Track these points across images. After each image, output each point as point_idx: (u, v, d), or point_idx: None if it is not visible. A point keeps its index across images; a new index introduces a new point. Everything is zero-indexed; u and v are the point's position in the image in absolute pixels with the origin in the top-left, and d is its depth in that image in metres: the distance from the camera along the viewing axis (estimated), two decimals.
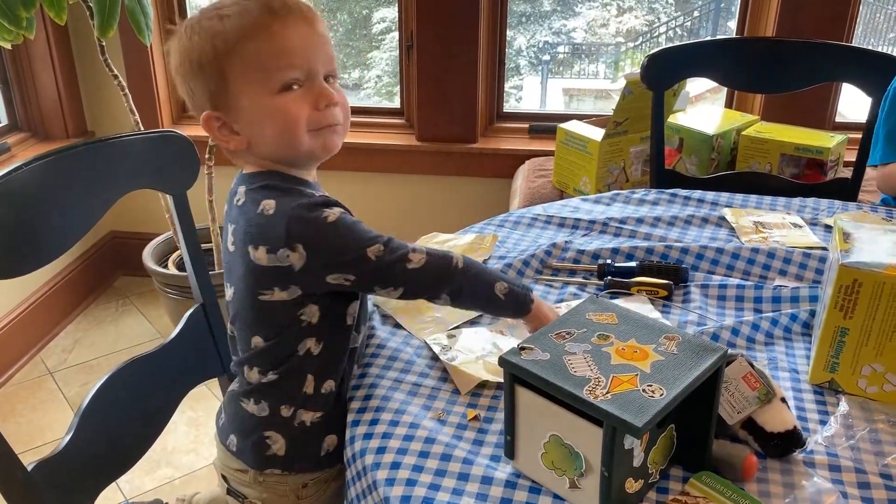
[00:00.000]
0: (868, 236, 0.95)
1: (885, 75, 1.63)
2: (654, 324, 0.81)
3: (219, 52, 0.85)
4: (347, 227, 0.86)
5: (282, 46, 0.85)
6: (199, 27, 0.87)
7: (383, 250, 0.86)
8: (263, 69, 0.85)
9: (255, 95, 0.86)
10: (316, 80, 0.88)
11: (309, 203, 0.86)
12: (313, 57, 0.87)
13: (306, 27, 0.87)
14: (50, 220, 0.98)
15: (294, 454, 0.96)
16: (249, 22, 0.85)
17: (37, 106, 2.47)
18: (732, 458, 0.78)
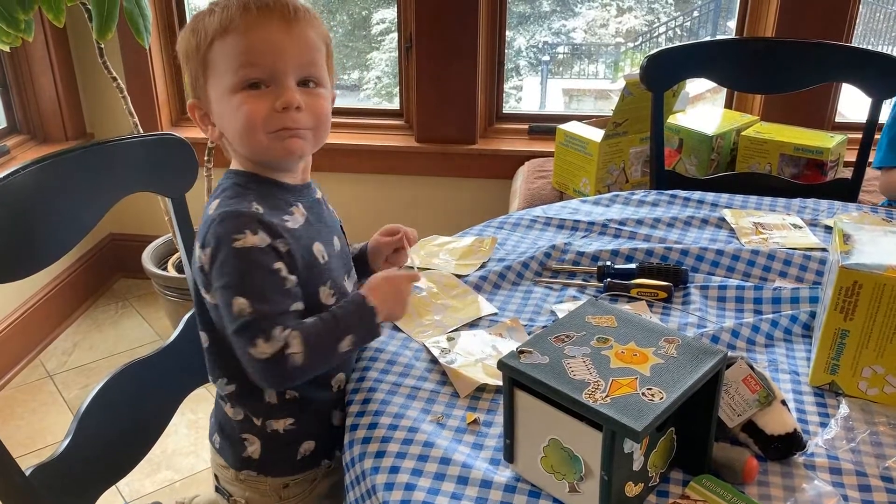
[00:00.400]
0: (868, 238, 0.95)
1: (885, 76, 1.63)
2: (654, 327, 0.80)
3: (199, 45, 0.87)
4: (242, 264, 0.83)
5: (249, 45, 0.85)
6: (192, 21, 0.90)
7: (247, 313, 0.82)
8: (229, 65, 0.86)
9: (221, 90, 0.87)
10: (282, 81, 0.86)
11: (237, 213, 0.85)
12: (281, 58, 0.86)
13: (281, 28, 0.86)
14: (48, 223, 0.98)
15: (268, 458, 0.97)
16: (227, 17, 0.86)
17: (36, 108, 2.46)
18: (733, 460, 0.78)
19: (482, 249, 1.26)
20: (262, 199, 0.88)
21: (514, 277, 1.18)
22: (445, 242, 1.29)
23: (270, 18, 0.86)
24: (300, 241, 0.88)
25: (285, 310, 0.84)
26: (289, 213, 0.90)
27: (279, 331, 0.83)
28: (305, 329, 0.85)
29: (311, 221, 0.92)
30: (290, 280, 0.86)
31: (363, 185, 2.57)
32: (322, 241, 0.92)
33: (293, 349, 0.83)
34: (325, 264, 0.92)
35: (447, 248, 1.27)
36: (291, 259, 0.86)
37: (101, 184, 1.06)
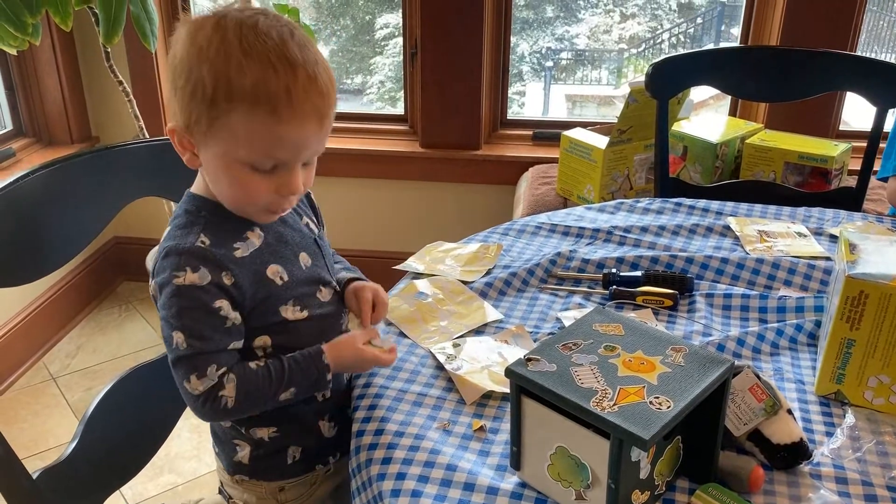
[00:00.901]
0: (874, 247, 0.95)
1: (890, 85, 1.63)
2: (661, 335, 0.81)
3: (216, 100, 0.79)
4: (182, 301, 0.83)
5: (278, 138, 0.81)
6: (214, 56, 0.79)
7: (183, 348, 0.83)
8: (248, 144, 0.81)
9: (226, 154, 0.83)
10: (292, 166, 0.84)
11: (178, 250, 0.84)
12: (304, 152, 0.84)
13: (314, 124, 0.82)
14: (56, 227, 0.99)
15: (258, 464, 0.97)
16: (264, 93, 0.78)
17: (41, 111, 2.47)
18: (739, 469, 0.78)
19: (487, 256, 1.26)
20: (212, 226, 0.86)
21: (520, 284, 1.19)
22: (450, 248, 1.29)
23: (309, 115, 0.81)
24: (250, 267, 0.87)
25: (222, 348, 0.85)
26: (241, 240, 0.88)
27: (213, 369, 0.84)
28: (245, 376, 0.86)
29: (270, 242, 0.90)
30: (231, 318, 0.85)
31: (367, 190, 2.58)
32: (281, 262, 0.90)
33: (226, 392, 0.85)
34: (285, 284, 0.90)
35: (452, 254, 1.27)
36: (239, 290, 0.85)
37: (108, 188, 1.06)
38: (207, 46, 0.79)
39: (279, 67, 0.78)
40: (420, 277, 1.20)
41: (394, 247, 2.57)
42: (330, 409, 0.98)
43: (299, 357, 0.89)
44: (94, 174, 1.04)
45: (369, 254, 2.61)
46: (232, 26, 0.80)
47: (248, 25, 0.80)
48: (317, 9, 3.27)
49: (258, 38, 0.79)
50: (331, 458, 1.01)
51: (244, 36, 0.79)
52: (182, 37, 0.82)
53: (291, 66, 0.79)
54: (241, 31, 0.79)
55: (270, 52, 0.78)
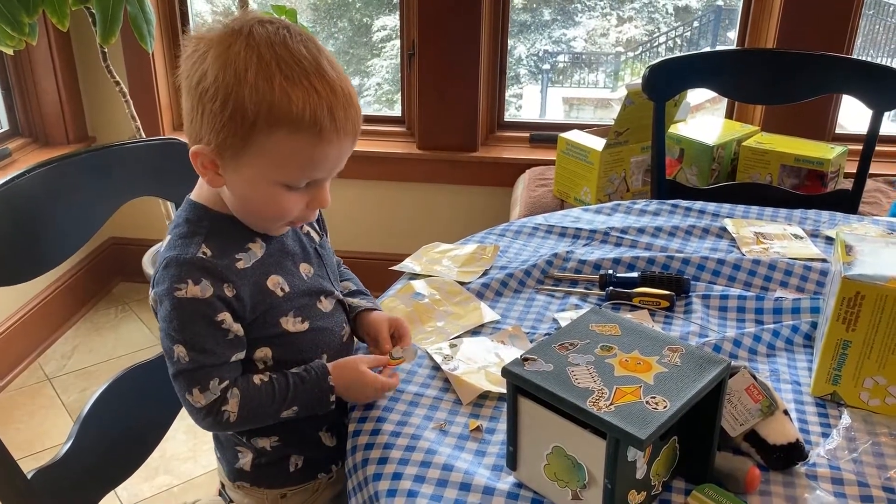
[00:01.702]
0: (870, 249, 0.95)
1: (886, 88, 1.63)
2: (658, 335, 0.81)
3: (258, 124, 0.78)
4: (183, 314, 0.82)
5: (321, 157, 0.82)
6: (254, 79, 0.77)
7: (185, 362, 0.83)
8: (287, 166, 0.81)
9: (262, 175, 0.82)
10: (324, 182, 0.86)
11: (180, 261, 0.83)
12: (338, 167, 0.86)
13: (351, 141, 0.84)
14: (52, 227, 0.98)
15: (259, 472, 0.97)
16: (308, 119, 0.78)
17: (38, 111, 2.47)
18: (735, 470, 0.78)
19: (484, 257, 1.26)
20: (214, 237, 0.86)
21: (517, 285, 1.19)
22: (447, 249, 1.29)
23: (346, 137, 0.82)
24: (251, 279, 0.86)
25: (225, 361, 0.84)
26: (243, 251, 0.87)
27: (216, 383, 0.84)
28: (248, 392, 0.86)
29: (271, 253, 0.90)
30: (234, 330, 0.84)
31: (364, 192, 2.58)
32: (282, 273, 0.90)
33: (228, 407, 0.85)
34: (286, 295, 0.89)
35: (449, 255, 1.27)
36: (240, 302, 0.85)
37: (104, 188, 1.06)
38: (245, 70, 0.77)
39: (320, 89, 0.79)
40: (417, 278, 1.20)
41: (391, 248, 2.57)
42: (329, 421, 0.98)
43: (305, 375, 0.89)
44: (90, 173, 1.04)
45: (367, 255, 2.61)
46: (264, 46, 0.78)
47: (280, 45, 0.79)
48: (314, 10, 3.27)
49: (294, 59, 0.78)
50: (333, 467, 1.00)
51: (280, 58, 0.78)
52: (211, 57, 0.79)
53: (331, 86, 0.79)
54: (276, 51, 0.78)
55: (311, 74, 0.78)
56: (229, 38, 0.79)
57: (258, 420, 0.88)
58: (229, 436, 0.96)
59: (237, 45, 0.78)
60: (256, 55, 0.78)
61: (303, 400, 0.88)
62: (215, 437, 1.00)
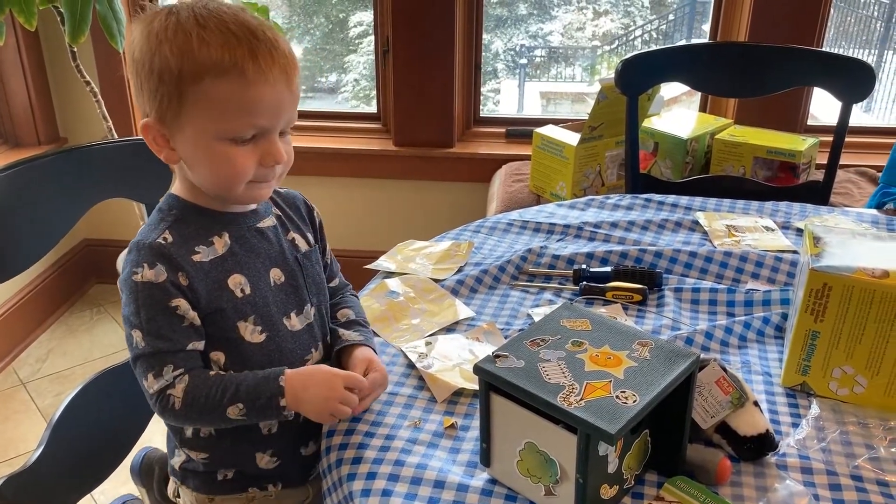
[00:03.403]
0: (838, 240, 0.97)
1: (854, 80, 1.65)
2: (628, 330, 0.81)
3: (183, 75, 0.79)
4: (138, 298, 0.82)
5: (252, 101, 0.80)
6: (172, 36, 0.79)
7: (141, 347, 0.82)
8: (224, 115, 0.80)
9: (205, 133, 0.81)
10: (271, 135, 0.83)
11: (139, 245, 0.84)
12: (279, 115, 0.83)
13: (284, 85, 0.82)
14: (20, 229, 0.97)
15: (186, 475, 0.97)
16: (228, 60, 0.79)
17: (7, 113, 2.43)
18: (706, 462, 0.79)
19: (459, 254, 1.26)
20: (179, 225, 0.86)
21: (491, 281, 1.19)
22: (422, 247, 1.29)
23: (276, 74, 0.81)
24: (209, 274, 0.85)
25: (180, 348, 0.83)
26: (205, 244, 0.86)
27: (169, 369, 0.83)
28: (195, 380, 0.83)
29: (236, 251, 0.88)
30: (189, 317, 0.83)
31: (340, 189, 2.57)
32: (245, 273, 0.87)
33: (174, 392, 0.83)
34: (246, 298, 0.87)
35: (424, 252, 1.27)
36: (193, 293, 0.83)
37: (74, 190, 1.05)
38: (164, 30, 0.80)
39: (239, 34, 0.79)
40: (391, 276, 1.20)
41: (368, 245, 2.56)
42: (275, 446, 0.93)
43: (260, 372, 0.85)
44: (59, 175, 1.03)
45: (342, 253, 2.58)
46: (184, 9, 0.81)
47: (200, 6, 0.81)
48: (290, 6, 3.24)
49: (212, 13, 0.80)
50: (270, 486, 0.96)
51: (198, 14, 0.80)
52: (137, 32, 0.82)
53: (251, 31, 0.80)
54: (195, 11, 0.80)
55: (228, 22, 0.80)
56: (155, 12, 0.82)
57: (204, 412, 0.83)
58: (171, 432, 0.95)
59: (161, 15, 0.81)
60: (176, 19, 0.80)
61: (249, 396, 0.83)
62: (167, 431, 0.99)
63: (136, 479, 1.15)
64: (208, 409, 0.83)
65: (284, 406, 0.83)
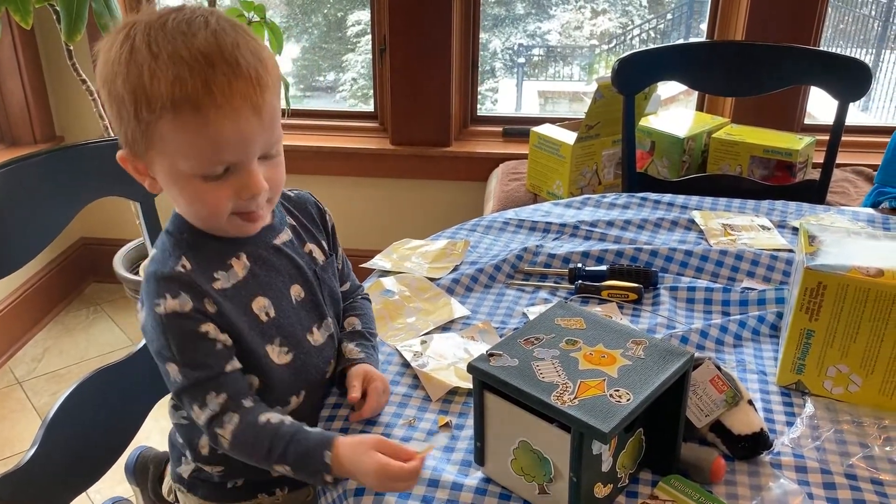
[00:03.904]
0: (833, 239, 0.97)
1: (851, 79, 1.65)
2: (622, 328, 0.81)
3: (139, 113, 0.73)
4: (167, 331, 0.78)
5: (213, 138, 0.73)
6: (125, 68, 0.73)
7: (180, 380, 0.80)
8: (187, 154, 0.75)
9: (173, 170, 0.77)
10: (247, 166, 0.77)
11: (158, 275, 0.79)
12: (250, 147, 0.76)
13: (250, 113, 0.74)
14: (13, 228, 0.97)
15: (194, 483, 0.96)
16: (180, 96, 0.71)
17: (3, 111, 2.43)
18: (701, 460, 0.79)
19: (454, 252, 1.26)
20: (194, 250, 0.82)
21: (486, 280, 1.19)
22: (418, 246, 1.29)
23: (239, 105, 0.73)
24: (233, 300, 0.82)
25: (219, 372, 0.80)
26: (224, 269, 0.82)
27: (212, 396, 0.80)
28: (244, 425, 0.80)
29: (256, 272, 0.84)
30: (221, 339, 0.80)
31: (338, 188, 2.57)
32: (268, 295, 0.85)
33: (222, 432, 0.80)
34: (271, 321, 0.84)
35: (419, 251, 1.27)
36: (222, 319, 0.80)
37: (68, 188, 1.05)
38: (118, 59, 0.74)
39: (192, 63, 0.71)
40: (387, 275, 1.20)
41: (364, 244, 2.55)
42: None
43: (308, 436, 0.79)
44: (53, 173, 1.03)
45: None
46: (140, 32, 0.74)
47: (157, 27, 0.73)
48: (288, 5, 3.24)
49: (166, 37, 0.72)
50: (278, 490, 0.96)
51: (152, 39, 0.73)
52: (99, 56, 0.77)
53: (205, 56, 0.72)
54: (149, 34, 0.73)
55: (180, 48, 0.72)
56: (115, 33, 0.76)
57: (251, 458, 0.81)
58: (180, 442, 0.95)
59: (118, 38, 0.75)
60: (130, 46, 0.73)
61: (297, 463, 0.79)
62: (170, 435, 0.99)
63: (131, 478, 1.14)
64: (255, 458, 0.81)
65: (329, 481, 0.79)
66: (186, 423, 0.91)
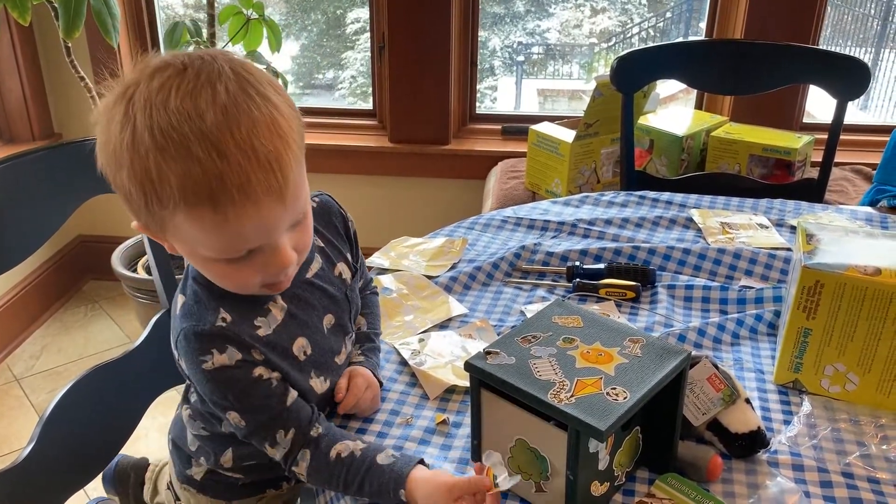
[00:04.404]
0: (830, 238, 0.97)
1: (849, 78, 1.65)
2: (619, 327, 0.81)
3: (151, 207, 0.67)
4: (219, 385, 0.76)
5: (235, 230, 0.67)
6: (129, 160, 0.66)
7: (244, 426, 0.79)
8: (207, 244, 0.70)
9: (194, 253, 0.72)
10: (275, 243, 0.72)
11: (200, 332, 0.75)
12: (276, 231, 0.70)
13: (273, 203, 0.67)
14: (10, 225, 0.97)
15: (206, 484, 0.96)
16: (193, 196, 0.64)
17: (1, 108, 2.42)
18: (697, 459, 0.79)
19: (452, 250, 1.26)
20: (230, 299, 0.78)
21: (484, 278, 1.19)
22: (416, 244, 1.29)
23: (262, 195, 0.66)
24: (275, 346, 0.79)
25: (280, 411, 0.79)
26: (263, 314, 0.80)
27: (282, 435, 0.79)
28: (316, 462, 0.79)
29: (294, 313, 0.82)
30: (274, 377, 0.79)
31: (336, 186, 2.56)
32: (306, 334, 0.83)
33: (298, 469, 0.80)
34: (308, 358, 0.83)
35: (417, 249, 1.27)
36: (269, 364, 0.79)
37: (65, 185, 1.04)
38: (119, 146, 0.66)
39: (203, 156, 0.63)
40: (385, 273, 1.20)
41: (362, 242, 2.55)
42: None
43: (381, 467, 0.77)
44: (50, 170, 1.02)
45: None
46: (140, 111, 0.65)
47: (158, 105, 0.65)
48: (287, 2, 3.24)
49: (171, 121, 0.64)
50: (284, 484, 0.97)
51: (154, 123, 0.64)
52: (98, 127, 0.70)
53: (217, 148, 0.64)
54: (151, 115, 0.64)
55: (188, 136, 0.63)
56: (113, 108, 0.68)
57: (328, 489, 0.81)
58: (192, 449, 0.94)
59: (116, 118, 0.67)
60: (131, 128, 0.65)
61: (372, 496, 0.77)
62: (171, 440, 0.99)
63: (110, 488, 1.16)
64: (332, 488, 0.81)
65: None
66: (208, 435, 0.91)
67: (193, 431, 0.92)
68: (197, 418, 0.91)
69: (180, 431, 0.96)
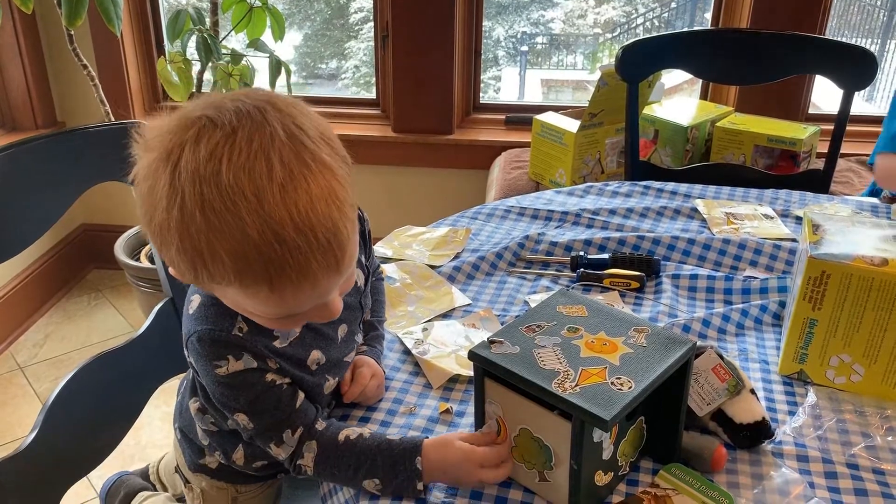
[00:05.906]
0: (837, 228, 0.96)
1: (856, 68, 1.64)
2: (624, 316, 0.81)
3: (202, 280, 0.66)
4: (232, 389, 0.77)
5: (292, 304, 0.67)
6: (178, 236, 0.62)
7: (251, 428, 0.79)
8: (259, 312, 0.70)
9: (244, 309, 0.72)
10: (327, 300, 0.71)
11: (215, 339, 0.75)
12: (327, 296, 0.70)
13: (330, 276, 0.66)
14: (12, 213, 0.97)
15: (221, 471, 0.96)
16: (250, 277, 0.63)
17: (4, 97, 2.42)
18: (702, 449, 0.79)
19: (456, 240, 1.25)
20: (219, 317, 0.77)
21: (488, 268, 1.18)
22: (419, 233, 1.28)
23: (319, 272, 0.64)
24: (291, 358, 0.80)
25: (289, 413, 0.79)
26: None
27: (289, 434, 0.79)
28: (324, 449, 0.79)
29: (311, 325, 0.81)
30: (285, 381, 0.79)
31: None
32: (321, 346, 0.83)
33: (303, 462, 0.80)
34: (321, 368, 0.83)
35: (421, 238, 1.27)
36: (283, 372, 0.79)
37: (66, 173, 1.04)
38: (167, 224, 0.62)
39: (260, 240, 0.60)
40: (388, 262, 1.19)
41: None
42: None
43: (391, 444, 0.78)
44: (52, 158, 1.02)
45: None
46: (188, 182, 0.60)
47: (209, 178, 0.60)
48: None
49: (225, 202, 0.60)
50: None
51: (206, 201, 0.60)
52: (140, 197, 0.65)
53: (274, 232, 0.60)
54: (202, 193, 0.60)
55: (245, 218, 0.60)
56: (156, 171, 0.63)
57: (337, 479, 0.80)
58: (205, 443, 0.93)
59: (161, 184, 0.62)
60: (179, 202, 0.61)
61: (386, 474, 0.77)
62: (179, 430, 0.98)
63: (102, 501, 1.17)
64: (341, 479, 0.80)
65: (420, 489, 0.76)
66: (217, 431, 0.91)
67: (203, 426, 0.92)
68: (206, 412, 0.90)
69: (189, 423, 0.95)
